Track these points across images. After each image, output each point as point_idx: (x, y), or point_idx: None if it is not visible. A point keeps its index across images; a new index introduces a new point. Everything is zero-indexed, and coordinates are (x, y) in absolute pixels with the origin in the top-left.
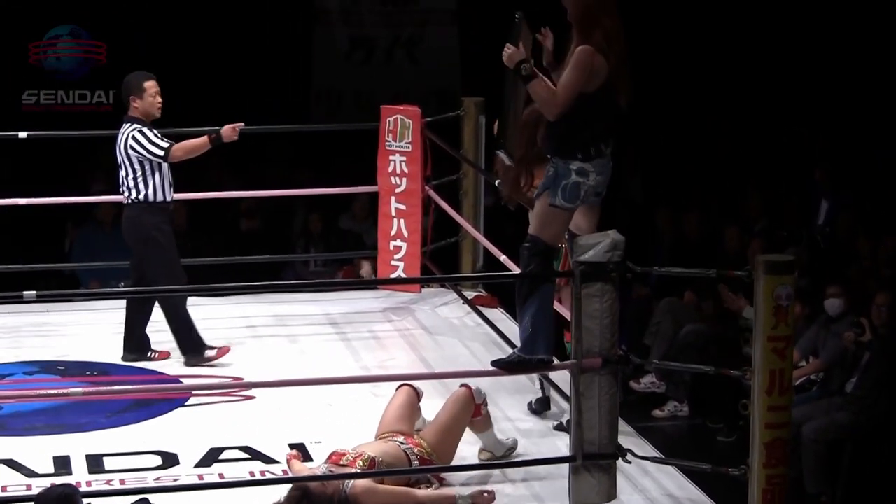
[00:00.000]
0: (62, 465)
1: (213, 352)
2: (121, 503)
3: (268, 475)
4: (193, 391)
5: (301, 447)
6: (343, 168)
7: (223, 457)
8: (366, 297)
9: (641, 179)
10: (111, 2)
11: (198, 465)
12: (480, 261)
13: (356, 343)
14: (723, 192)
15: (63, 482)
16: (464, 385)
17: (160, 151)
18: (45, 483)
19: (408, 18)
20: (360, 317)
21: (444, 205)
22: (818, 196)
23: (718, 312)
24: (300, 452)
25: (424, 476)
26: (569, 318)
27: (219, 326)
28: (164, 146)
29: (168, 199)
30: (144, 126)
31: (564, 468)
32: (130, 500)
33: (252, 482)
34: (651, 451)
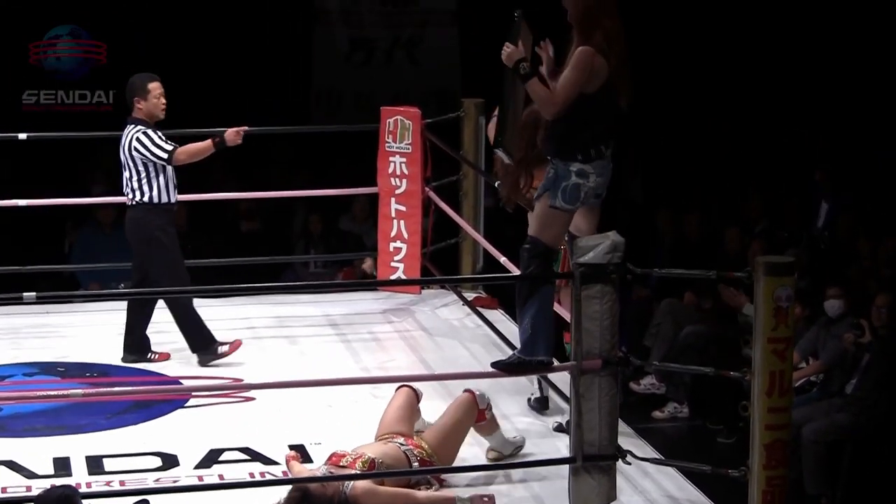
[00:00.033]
0: (62, 467)
1: (226, 347)
2: None
3: (268, 476)
4: (193, 392)
5: (301, 448)
6: (343, 169)
7: (223, 458)
8: (366, 299)
9: (642, 180)
10: (111, 2)
11: (198, 467)
12: (480, 262)
13: (356, 344)
14: (723, 193)
15: (63, 483)
16: (467, 390)
17: (164, 154)
18: (45, 484)
19: (408, 19)
20: (360, 318)
21: (444, 206)
22: (818, 198)
23: (718, 311)
24: (299, 454)
25: (424, 477)
26: (568, 320)
27: (219, 327)
28: (168, 149)
29: (172, 201)
30: (148, 128)
31: (564, 469)
32: (130, 502)
33: (252, 483)
34: (651, 453)
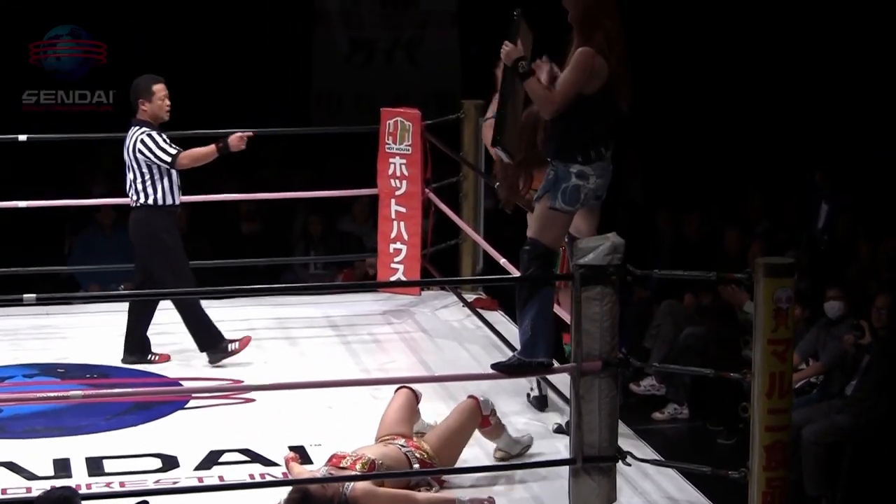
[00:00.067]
0: (62, 468)
1: (235, 344)
2: None
3: (268, 478)
4: (193, 394)
5: (301, 450)
6: (343, 170)
7: (223, 459)
8: (366, 300)
9: (642, 181)
10: (111, 2)
11: (198, 468)
12: (480, 263)
13: (356, 346)
14: (723, 194)
15: (63, 485)
16: (471, 396)
17: (167, 158)
18: (45, 486)
19: (408, 20)
20: (360, 319)
21: (444, 207)
22: (818, 199)
23: (717, 310)
24: (299, 455)
25: (424, 479)
26: (567, 321)
27: (220, 329)
28: (172, 153)
29: (176, 203)
30: (153, 130)
31: (564, 471)
32: (131, 503)
33: (252, 485)
34: (651, 454)
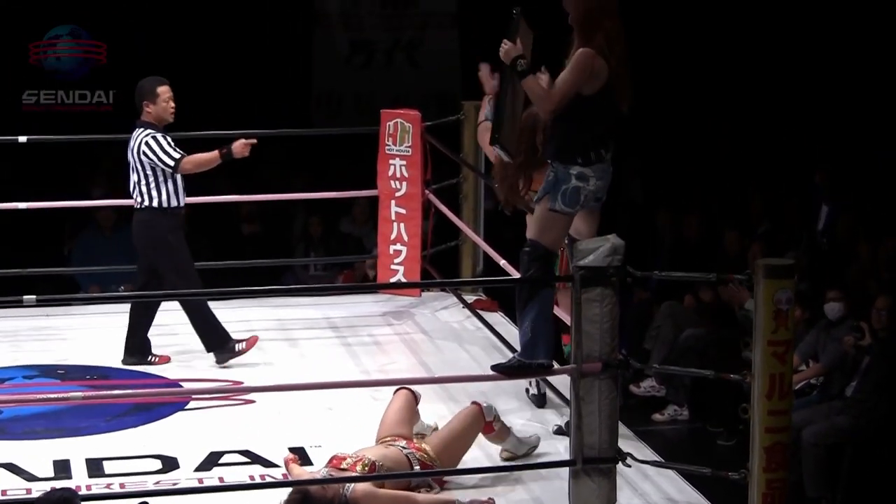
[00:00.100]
0: (62, 469)
1: (242, 344)
2: None
3: (268, 479)
4: (193, 395)
5: (301, 451)
6: (343, 172)
7: (223, 460)
8: (366, 301)
9: (642, 181)
10: (111, 2)
11: (198, 469)
12: (480, 265)
13: (356, 347)
14: (723, 194)
15: (63, 486)
16: (475, 403)
17: (171, 162)
18: (45, 487)
19: (408, 22)
20: (361, 321)
21: (444, 209)
22: (818, 200)
23: (717, 309)
24: (299, 456)
25: (425, 481)
26: (566, 322)
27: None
28: (176, 157)
29: (181, 205)
30: (158, 132)
31: (564, 472)
32: None
33: (252, 486)
34: (651, 455)
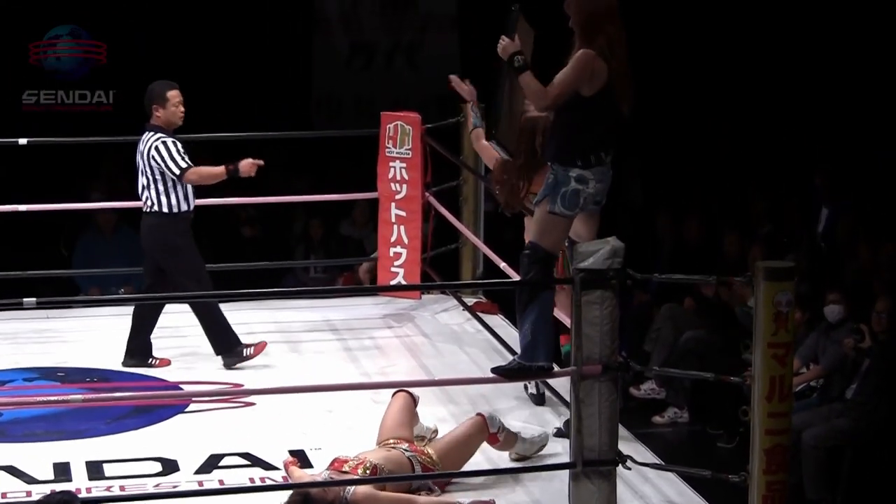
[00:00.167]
0: (62, 472)
1: (251, 349)
2: None
3: (268, 482)
4: (193, 397)
5: (301, 454)
6: (343, 174)
7: (223, 463)
8: (366, 304)
9: (642, 183)
10: (111, 2)
11: (198, 472)
12: (480, 267)
13: (356, 349)
14: (723, 196)
15: (63, 489)
16: (479, 413)
17: (177, 170)
18: (45, 490)
19: (408, 24)
20: (361, 323)
21: (444, 211)
22: (818, 202)
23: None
24: (298, 459)
25: (426, 484)
26: (565, 323)
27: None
28: (182, 167)
29: (190, 209)
30: (167, 136)
31: (564, 474)
32: None
33: (252, 488)
34: (651, 458)
